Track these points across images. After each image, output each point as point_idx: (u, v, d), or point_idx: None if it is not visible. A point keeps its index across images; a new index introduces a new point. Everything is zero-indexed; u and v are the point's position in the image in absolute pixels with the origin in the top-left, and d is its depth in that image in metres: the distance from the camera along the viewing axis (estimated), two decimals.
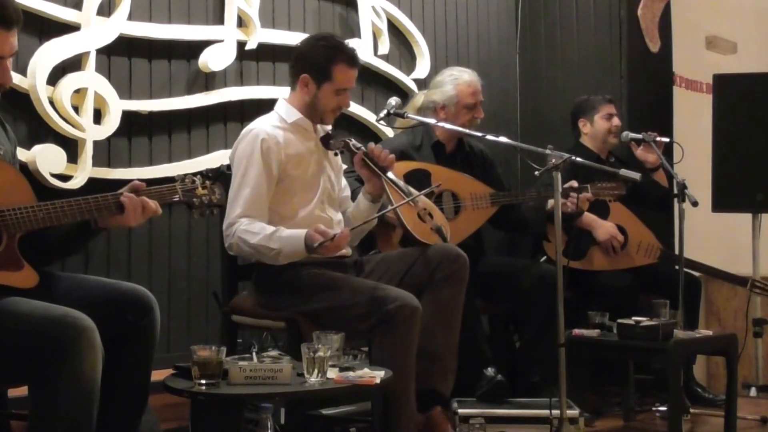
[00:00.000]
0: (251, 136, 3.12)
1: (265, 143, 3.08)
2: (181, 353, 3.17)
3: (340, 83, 3.15)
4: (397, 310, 2.85)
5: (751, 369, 4.74)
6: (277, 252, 2.98)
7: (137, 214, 2.45)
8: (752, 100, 4.75)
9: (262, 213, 3.07)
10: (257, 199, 3.06)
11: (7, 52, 2.39)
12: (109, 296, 2.47)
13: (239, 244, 3.02)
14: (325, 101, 3.17)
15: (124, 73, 3.62)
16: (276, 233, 2.99)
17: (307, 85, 3.16)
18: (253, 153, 3.08)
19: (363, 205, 3.28)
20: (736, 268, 4.57)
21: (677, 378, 3.39)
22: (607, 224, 4.15)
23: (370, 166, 3.17)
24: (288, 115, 3.20)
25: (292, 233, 2.98)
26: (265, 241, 2.98)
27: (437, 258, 3.13)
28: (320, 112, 3.19)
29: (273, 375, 2.50)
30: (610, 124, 4.39)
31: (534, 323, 3.85)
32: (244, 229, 3.01)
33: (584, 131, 4.44)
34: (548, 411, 3.22)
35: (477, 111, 3.91)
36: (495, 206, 3.89)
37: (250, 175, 3.07)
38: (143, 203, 2.46)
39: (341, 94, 3.18)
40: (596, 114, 4.41)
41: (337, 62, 3.14)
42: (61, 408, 2.16)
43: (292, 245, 2.96)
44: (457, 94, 3.90)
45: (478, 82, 3.96)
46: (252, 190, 3.05)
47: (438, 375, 3.14)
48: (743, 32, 6.05)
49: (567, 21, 5.14)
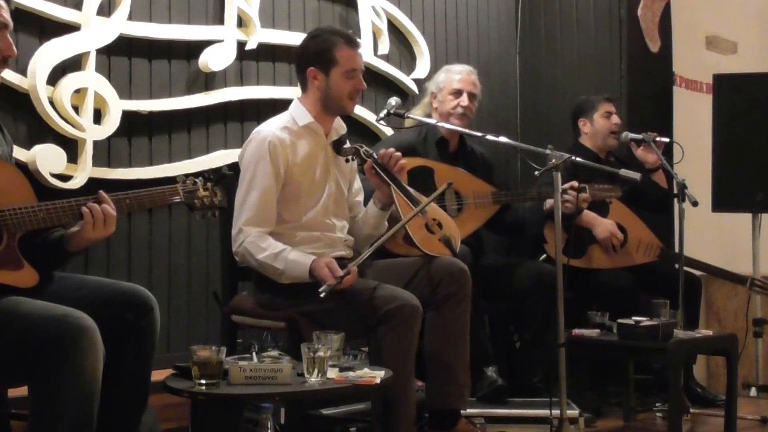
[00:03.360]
0: (259, 138, 3.11)
1: (272, 146, 3.07)
2: (181, 353, 3.17)
3: (346, 64, 3.14)
4: (398, 310, 2.85)
5: (751, 369, 4.74)
6: (281, 273, 3.00)
7: (98, 223, 2.40)
8: (752, 100, 4.75)
9: (269, 217, 3.07)
10: (265, 202, 3.06)
11: (8, 20, 2.41)
12: (109, 296, 2.47)
13: (246, 255, 3.03)
14: (337, 87, 3.15)
15: (124, 73, 3.62)
16: (282, 253, 2.99)
17: (316, 77, 3.15)
18: (261, 156, 3.07)
19: (372, 211, 3.27)
20: (736, 268, 4.57)
21: (677, 378, 3.39)
22: (606, 222, 4.15)
23: (380, 175, 3.16)
24: (300, 118, 3.18)
25: (298, 258, 2.98)
26: (271, 260, 2.99)
27: (440, 274, 3.12)
28: (337, 101, 3.17)
29: (273, 375, 2.50)
30: (609, 122, 4.39)
31: (533, 323, 3.85)
32: (252, 242, 3.01)
33: (584, 131, 4.45)
34: (548, 411, 3.23)
35: (462, 99, 3.94)
36: (497, 205, 3.90)
37: (258, 179, 3.06)
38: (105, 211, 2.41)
39: (352, 76, 3.16)
40: (595, 113, 4.42)
41: (336, 44, 3.14)
42: (61, 408, 2.16)
43: (296, 270, 2.98)
44: (444, 80, 4.01)
45: (470, 74, 4.01)
46: (260, 193, 3.05)
47: (455, 394, 3.15)
48: (743, 32, 6.05)
49: (567, 21, 5.14)
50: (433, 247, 3.16)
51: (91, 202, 2.41)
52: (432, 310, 3.09)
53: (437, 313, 3.10)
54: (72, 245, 2.47)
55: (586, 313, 3.63)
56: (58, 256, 2.51)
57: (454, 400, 3.15)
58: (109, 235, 2.46)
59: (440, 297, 3.10)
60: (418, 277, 3.13)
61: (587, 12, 5.07)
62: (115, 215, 2.44)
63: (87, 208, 2.40)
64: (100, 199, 2.43)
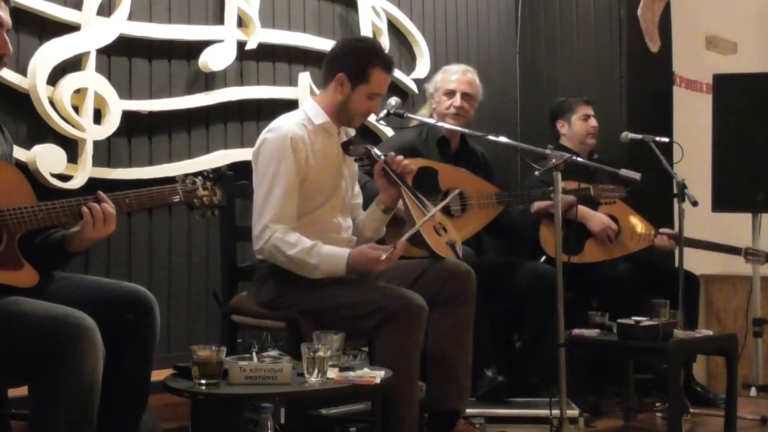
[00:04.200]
0: (280, 134, 3.06)
1: (294, 141, 3.04)
2: (181, 353, 3.17)
3: (374, 87, 3.13)
4: (404, 309, 2.84)
5: (751, 369, 4.74)
6: (314, 267, 2.95)
7: (98, 222, 2.40)
8: (752, 100, 4.75)
9: (293, 214, 3.03)
10: (290, 199, 3.01)
11: (4, 19, 2.41)
12: (109, 296, 2.47)
13: (273, 252, 2.97)
14: (357, 104, 3.14)
15: (124, 73, 3.62)
16: (315, 248, 2.95)
17: (342, 84, 3.13)
18: (284, 151, 3.02)
19: (374, 214, 3.26)
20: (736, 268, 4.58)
21: (677, 378, 3.39)
22: (598, 215, 4.15)
23: (390, 176, 3.16)
24: (315, 117, 3.16)
25: (334, 251, 2.96)
26: (304, 255, 2.94)
27: (445, 274, 3.11)
28: (350, 114, 3.16)
29: (273, 375, 2.50)
30: (587, 125, 4.41)
31: (533, 323, 3.85)
32: (281, 238, 2.96)
33: (562, 132, 4.46)
34: (548, 411, 3.23)
35: (454, 99, 3.95)
36: (501, 205, 3.90)
37: (281, 175, 3.01)
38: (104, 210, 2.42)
39: (373, 98, 3.15)
40: (573, 115, 4.43)
41: (375, 65, 3.12)
42: (61, 408, 2.16)
43: (333, 263, 2.94)
44: (440, 80, 4.04)
45: (465, 74, 4.01)
46: (284, 190, 3.00)
47: (455, 395, 3.14)
48: (743, 32, 6.05)
49: (567, 21, 5.14)
50: (442, 249, 3.16)
51: (90, 202, 2.42)
52: (436, 311, 3.08)
53: (441, 314, 3.09)
54: (73, 246, 2.47)
55: (586, 313, 3.63)
56: (59, 256, 2.51)
57: (453, 401, 3.15)
58: (109, 235, 2.46)
59: (445, 298, 3.09)
60: (423, 277, 3.12)
61: (587, 12, 5.07)
62: (114, 214, 2.44)
63: (87, 208, 2.40)
64: (99, 199, 2.43)
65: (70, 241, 2.47)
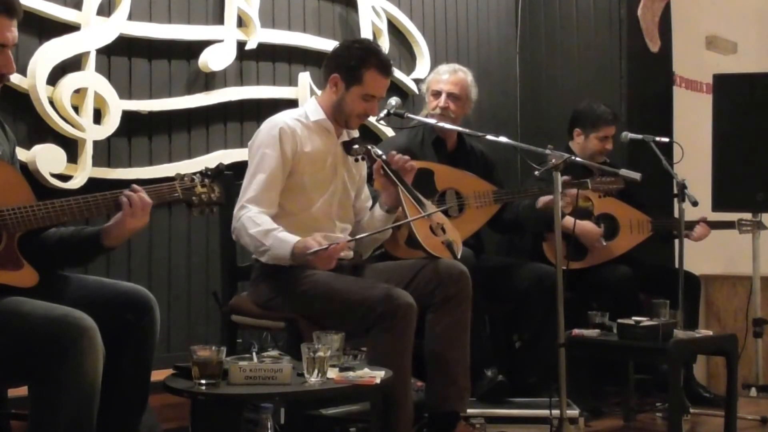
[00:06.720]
0: (271, 125, 3.15)
1: (282, 131, 3.10)
2: (181, 353, 3.17)
3: (368, 88, 3.15)
4: (393, 311, 2.85)
5: (751, 369, 4.74)
6: (266, 249, 2.99)
7: (137, 209, 2.42)
8: (752, 100, 4.75)
9: (272, 200, 3.08)
10: (271, 184, 3.07)
11: (9, 40, 2.40)
12: (109, 296, 2.47)
13: (240, 230, 3.03)
14: (351, 104, 3.17)
15: (124, 73, 3.62)
16: (273, 231, 2.98)
17: (336, 85, 3.17)
18: (270, 140, 3.10)
19: (378, 214, 3.28)
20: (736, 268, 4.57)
21: (677, 378, 3.39)
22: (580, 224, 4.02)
23: (389, 175, 3.16)
24: (313, 114, 3.21)
25: (286, 237, 2.98)
26: (261, 235, 2.98)
27: (440, 274, 3.10)
28: (345, 115, 3.19)
29: (273, 375, 2.50)
30: (602, 145, 4.34)
31: (533, 324, 3.85)
32: (249, 217, 3.01)
33: (576, 140, 4.41)
34: (548, 411, 3.23)
35: (440, 100, 3.94)
36: (498, 204, 3.89)
37: (265, 162, 3.08)
38: (142, 199, 2.44)
39: (369, 100, 3.17)
40: (594, 132, 4.34)
41: (369, 67, 3.14)
42: (61, 408, 2.16)
43: (280, 248, 2.96)
44: (429, 81, 4.06)
45: (454, 74, 3.98)
46: (266, 176, 3.07)
47: (455, 397, 3.14)
48: (743, 32, 6.05)
49: (567, 21, 5.14)
50: (436, 248, 3.16)
51: (127, 191, 2.43)
52: (432, 312, 3.09)
53: (438, 315, 3.09)
54: (111, 238, 2.47)
55: (586, 313, 3.63)
56: (94, 251, 2.52)
57: (453, 402, 3.14)
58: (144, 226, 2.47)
59: (440, 298, 3.09)
60: (418, 278, 3.13)
61: (587, 12, 5.07)
62: (151, 203, 2.45)
63: (125, 197, 2.42)
64: (134, 190, 2.45)
65: (108, 234, 2.47)
